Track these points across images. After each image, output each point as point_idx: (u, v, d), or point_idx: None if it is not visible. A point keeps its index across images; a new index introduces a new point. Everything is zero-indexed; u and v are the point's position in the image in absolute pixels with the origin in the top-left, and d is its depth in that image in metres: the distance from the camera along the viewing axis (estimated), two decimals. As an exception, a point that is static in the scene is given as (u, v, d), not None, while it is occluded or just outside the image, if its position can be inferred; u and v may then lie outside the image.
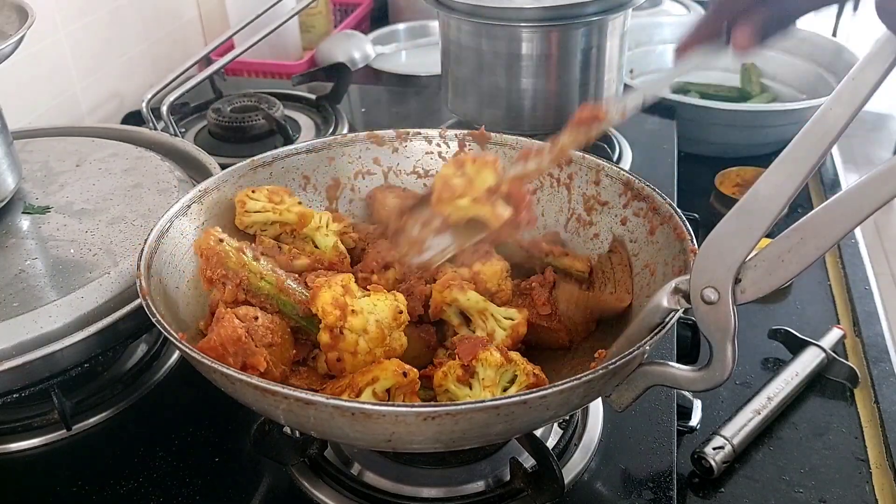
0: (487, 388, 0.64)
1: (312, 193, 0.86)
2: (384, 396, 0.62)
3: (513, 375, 0.66)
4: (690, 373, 0.60)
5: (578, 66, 1.10)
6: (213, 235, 0.71)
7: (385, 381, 0.62)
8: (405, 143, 0.87)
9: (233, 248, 0.71)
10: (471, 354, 0.65)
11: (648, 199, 0.75)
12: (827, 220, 0.51)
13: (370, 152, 0.88)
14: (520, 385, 0.65)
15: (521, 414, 0.55)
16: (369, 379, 0.62)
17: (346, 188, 0.88)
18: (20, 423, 0.79)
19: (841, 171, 1.33)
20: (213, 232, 0.71)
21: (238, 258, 0.70)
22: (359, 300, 0.66)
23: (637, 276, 0.75)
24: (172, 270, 0.72)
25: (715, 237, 0.55)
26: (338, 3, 1.86)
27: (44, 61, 1.22)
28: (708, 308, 0.56)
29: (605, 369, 0.55)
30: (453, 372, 0.65)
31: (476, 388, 0.65)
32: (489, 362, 0.65)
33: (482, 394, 0.65)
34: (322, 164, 0.86)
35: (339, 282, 0.66)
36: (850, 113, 0.50)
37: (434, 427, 0.53)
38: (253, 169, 0.82)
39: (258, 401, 0.57)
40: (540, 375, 0.66)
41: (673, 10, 1.86)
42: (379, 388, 0.62)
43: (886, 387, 0.89)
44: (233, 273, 0.69)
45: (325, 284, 0.66)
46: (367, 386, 0.62)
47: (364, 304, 0.65)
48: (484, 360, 0.65)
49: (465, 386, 0.65)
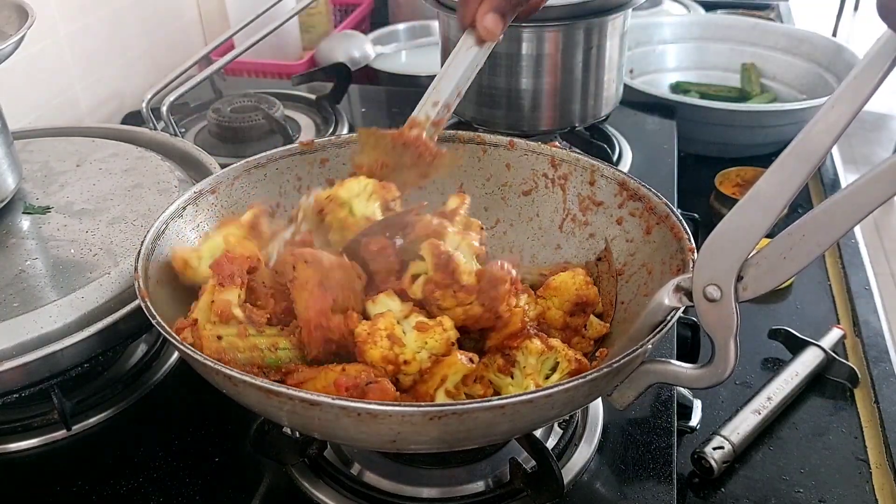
0: (529, 375, 0.64)
1: (307, 194, 0.86)
2: (458, 391, 0.62)
3: (554, 362, 0.65)
4: (692, 370, 0.60)
5: (578, 66, 1.10)
6: (206, 336, 0.63)
7: (455, 375, 0.61)
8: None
9: (234, 336, 0.63)
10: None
11: (644, 198, 0.75)
12: (828, 218, 0.51)
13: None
14: (562, 372, 0.65)
15: (527, 413, 0.55)
16: (437, 381, 0.61)
17: None
18: (20, 423, 0.79)
19: (841, 171, 1.33)
20: (206, 332, 0.63)
21: (247, 345, 0.63)
22: (408, 347, 0.62)
23: (634, 276, 0.75)
24: (170, 271, 0.71)
25: (717, 235, 0.55)
26: (338, 3, 1.86)
27: (44, 61, 1.22)
28: (710, 305, 0.56)
29: (609, 368, 0.55)
30: (494, 362, 0.65)
31: (518, 377, 0.65)
32: (530, 350, 0.65)
33: (525, 382, 0.64)
34: (315, 166, 0.86)
35: (384, 331, 0.62)
36: (851, 112, 0.50)
37: (439, 427, 0.53)
38: (247, 170, 0.82)
39: (262, 402, 0.57)
40: (583, 360, 0.66)
41: (673, 10, 1.86)
42: (450, 384, 0.61)
43: (886, 387, 0.89)
44: (249, 364, 0.63)
45: (370, 339, 0.61)
46: (437, 389, 0.61)
47: (414, 348, 0.62)
48: (525, 348, 0.65)
49: (507, 375, 0.65)
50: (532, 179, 0.84)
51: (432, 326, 0.63)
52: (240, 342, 0.64)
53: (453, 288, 0.64)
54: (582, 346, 0.73)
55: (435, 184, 0.87)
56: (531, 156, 0.84)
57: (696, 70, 1.60)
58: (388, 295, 0.66)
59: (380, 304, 0.65)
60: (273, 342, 0.65)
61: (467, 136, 0.86)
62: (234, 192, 0.81)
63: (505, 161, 0.85)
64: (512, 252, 0.85)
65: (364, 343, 0.62)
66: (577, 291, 0.71)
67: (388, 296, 0.66)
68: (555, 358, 0.66)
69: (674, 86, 1.56)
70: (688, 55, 1.60)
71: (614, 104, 1.19)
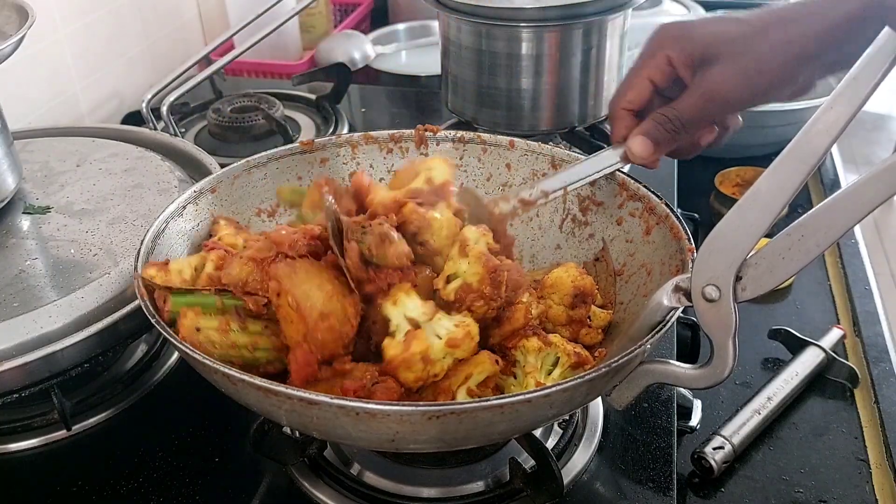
0: (530, 374, 0.64)
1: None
2: (480, 391, 0.61)
3: (555, 358, 0.65)
4: (691, 370, 0.60)
5: (578, 66, 1.10)
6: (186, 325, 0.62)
7: (480, 374, 0.61)
8: (399, 144, 0.87)
9: (214, 330, 0.62)
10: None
11: (644, 199, 0.75)
12: (827, 218, 0.51)
13: (364, 153, 0.87)
14: (563, 366, 0.65)
15: (525, 412, 0.55)
16: (461, 378, 0.61)
17: None
18: (20, 423, 0.79)
19: (841, 172, 1.33)
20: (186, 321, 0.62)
21: (225, 341, 0.62)
22: (438, 361, 0.61)
23: (633, 277, 0.75)
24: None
25: (716, 235, 0.55)
26: (338, 3, 1.86)
27: (44, 61, 1.22)
28: (709, 306, 0.56)
29: (606, 368, 0.55)
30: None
31: (520, 377, 0.65)
32: (528, 348, 0.65)
33: (526, 381, 0.64)
34: (315, 166, 0.86)
35: (418, 354, 0.60)
36: (850, 112, 0.50)
37: (438, 426, 0.53)
38: (248, 170, 0.82)
39: (261, 401, 0.57)
40: (582, 353, 0.66)
41: (673, 10, 1.85)
42: (473, 383, 0.61)
43: (886, 387, 0.89)
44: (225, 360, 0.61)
45: (404, 364, 0.60)
46: (460, 387, 0.60)
47: (440, 356, 0.61)
48: (522, 347, 0.65)
49: (509, 376, 0.65)
50: (532, 179, 0.84)
51: (462, 339, 0.61)
52: (217, 337, 0.62)
53: (494, 301, 0.64)
54: (591, 337, 0.73)
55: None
56: (531, 156, 0.84)
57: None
58: (408, 294, 0.63)
59: (400, 306, 0.63)
60: (253, 341, 0.63)
61: (468, 136, 0.86)
62: (235, 191, 0.81)
63: (505, 161, 0.85)
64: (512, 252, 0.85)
65: (398, 368, 0.61)
66: (574, 283, 0.71)
67: (408, 295, 0.63)
68: (555, 353, 0.65)
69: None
70: (688, 55, 1.60)
71: (614, 104, 1.19)
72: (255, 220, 0.83)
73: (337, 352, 0.62)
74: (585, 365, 0.66)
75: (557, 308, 0.71)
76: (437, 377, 0.62)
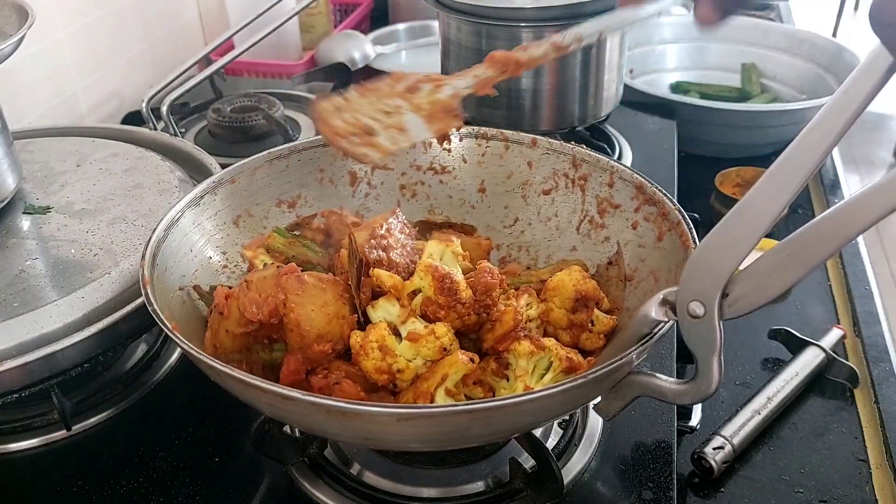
0: (520, 378, 0.64)
1: (328, 186, 0.86)
2: (458, 390, 0.62)
3: (549, 362, 0.65)
4: (676, 385, 0.59)
5: (578, 66, 1.10)
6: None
7: (455, 374, 0.62)
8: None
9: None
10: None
11: (659, 203, 0.75)
12: (815, 238, 0.51)
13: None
14: (555, 371, 0.65)
15: (499, 418, 0.55)
16: (438, 380, 0.61)
17: (362, 182, 0.88)
18: (20, 423, 0.79)
19: (841, 172, 1.33)
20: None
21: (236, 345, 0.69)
22: (401, 358, 0.63)
23: (642, 283, 0.74)
24: (177, 263, 0.72)
25: (703, 249, 0.54)
26: (338, 3, 1.86)
27: (44, 61, 1.22)
28: (693, 322, 0.55)
29: (585, 378, 0.55)
30: (489, 365, 0.65)
31: (511, 380, 0.65)
32: (519, 352, 0.65)
33: (515, 384, 0.65)
34: (338, 158, 0.86)
35: (375, 343, 0.63)
36: (840, 126, 0.49)
37: (409, 428, 0.54)
38: (269, 161, 0.82)
39: (244, 393, 0.58)
40: (574, 359, 0.66)
41: (673, 10, 1.85)
42: (450, 383, 0.61)
43: (886, 387, 0.89)
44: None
45: (362, 351, 0.63)
46: (437, 388, 0.61)
47: (408, 356, 0.63)
48: (514, 350, 0.65)
49: (502, 378, 0.66)
50: (553, 178, 0.84)
51: (424, 336, 0.63)
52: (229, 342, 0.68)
53: (455, 308, 0.65)
54: (592, 342, 0.72)
55: (456, 179, 0.87)
56: (553, 154, 0.84)
57: (696, 70, 1.60)
58: (389, 300, 0.66)
59: (380, 310, 0.66)
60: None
61: (490, 133, 0.86)
62: (255, 182, 0.81)
63: (527, 159, 0.85)
64: (528, 252, 0.85)
65: (357, 355, 0.64)
66: (575, 287, 0.71)
67: (389, 300, 0.66)
68: (549, 358, 0.65)
69: (674, 86, 1.56)
70: (688, 55, 1.61)
71: (614, 104, 1.19)
72: (275, 210, 0.84)
73: (326, 362, 0.66)
74: (577, 370, 0.65)
75: (559, 311, 0.71)
76: (404, 374, 0.63)
